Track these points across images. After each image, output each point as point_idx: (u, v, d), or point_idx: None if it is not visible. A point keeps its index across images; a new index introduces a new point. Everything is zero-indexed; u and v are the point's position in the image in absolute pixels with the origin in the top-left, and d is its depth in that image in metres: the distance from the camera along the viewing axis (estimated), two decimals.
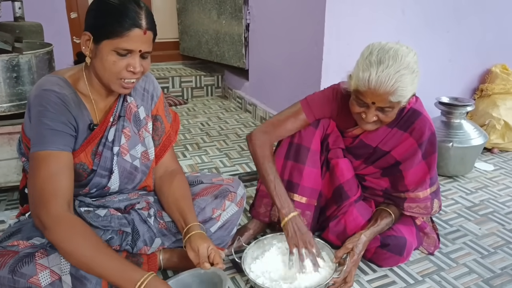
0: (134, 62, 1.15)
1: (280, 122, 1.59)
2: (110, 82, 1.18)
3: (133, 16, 1.11)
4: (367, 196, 1.67)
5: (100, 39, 1.12)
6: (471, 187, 2.26)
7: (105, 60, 1.14)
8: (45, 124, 1.13)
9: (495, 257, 1.66)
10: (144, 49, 1.15)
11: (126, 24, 1.10)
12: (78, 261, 1.06)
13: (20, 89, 1.76)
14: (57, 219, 1.06)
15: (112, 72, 1.15)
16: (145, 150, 1.38)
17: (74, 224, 1.08)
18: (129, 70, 1.15)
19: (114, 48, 1.12)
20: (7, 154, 1.79)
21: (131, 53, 1.14)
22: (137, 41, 1.12)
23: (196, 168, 2.31)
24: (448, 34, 2.61)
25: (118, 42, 1.11)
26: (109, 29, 1.11)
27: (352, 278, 1.42)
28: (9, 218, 1.75)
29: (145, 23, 1.13)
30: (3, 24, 2.17)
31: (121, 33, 1.10)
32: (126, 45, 1.12)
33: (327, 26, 2.22)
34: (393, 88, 1.30)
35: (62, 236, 1.06)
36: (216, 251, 1.22)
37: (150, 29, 1.15)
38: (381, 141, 1.55)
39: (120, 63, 1.14)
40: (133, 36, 1.11)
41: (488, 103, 2.69)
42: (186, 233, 1.26)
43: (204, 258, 1.20)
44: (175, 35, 4.06)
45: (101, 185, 1.31)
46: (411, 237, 1.58)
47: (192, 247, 1.22)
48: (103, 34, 1.12)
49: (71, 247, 1.05)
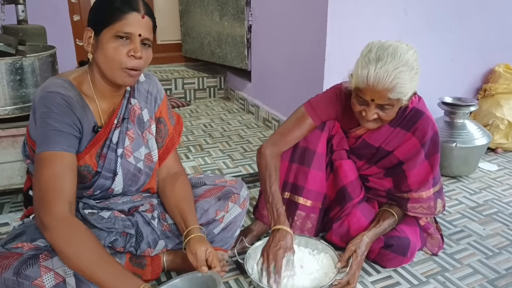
0: (135, 47, 1.16)
1: (288, 131, 1.59)
2: (113, 73, 1.18)
3: (129, 1, 1.15)
4: (370, 197, 1.66)
5: (101, 29, 1.15)
6: (475, 187, 2.26)
7: (106, 48, 1.15)
8: (50, 125, 1.13)
9: (499, 258, 1.65)
10: (144, 34, 1.17)
11: (124, 8, 1.14)
12: (74, 265, 1.06)
13: (23, 92, 1.77)
14: (57, 220, 1.06)
15: (114, 60, 1.16)
16: (149, 152, 1.39)
17: (74, 227, 1.08)
18: (131, 55, 1.16)
19: (114, 33, 1.14)
20: (11, 156, 1.80)
21: (131, 38, 1.15)
22: (135, 24, 1.15)
23: (199, 169, 2.31)
24: (451, 34, 2.60)
25: (117, 26, 1.14)
26: (108, 16, 1.14)
27: (355, 280, 1.41)
28: (13, 220, 1.75)
29: (142, 8, 1.17)
30: (6, 27, 2.18)
31: (119, 16, 1.13)
32: (125, 28, 1.14)
33: (329, 27, 2.22)
34: (392, 85, 1.30)
35: (61, 238, 1.06)
36: (214, 254, 1.22)
37: (148, 15, 1.18)
38: (384, 141, 1.55)
39: (121, 49, 1.15)
40: (131, 19, 1.14)
41: (491, 103, 2.68)
42: (185, 236, 1.27)
43: (201, 262, 1.20)
44: (178, 37, 4.07)
45: (105, 187, 1.32)
46: (415, 238, 1.57)
47: (191, 250, 1.23)
48: (103, 24, 1.15)
49: (69, 250, 1.05)
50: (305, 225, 1.62)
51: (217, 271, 1.19)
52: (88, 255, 1.05)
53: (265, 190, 1.51)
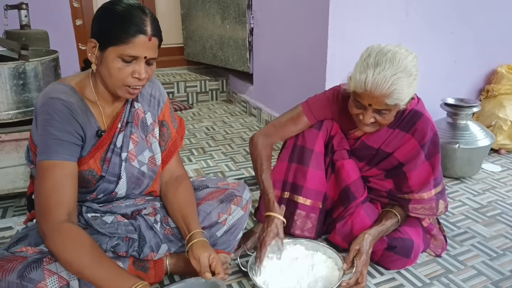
0: (140, 69, 1.15)
1: (282, 124, 1.62)
2: (116, 88, 1.19)
3: (138, 22, 1.12)
4: (372, 197, 1.66)
5: (106, 46, 1.13)
6: (478, 188, 2.25)
7: (111, 67, 1.14)
8: (51, 134, 1.14)
9: (504, 259, 1.64)
10: (150, 56, 1.16)
11: (131, 31, 1.11)
12: (72, 270, 1.09)
13: (26, 96, 1.78)
14: (55, 228, 1.09)
15: (117, 79, 1.16)
16: (152, 156, 1.39)
17: (71, 233, 1.09)
18: (135, 77, 1.16)
19: (119, 55, 1.13)
20: (15, 160, 1.81)
21: (136, 60, 1.15)
22: (142, 47, 1.13)
23: (202, 172, 2.31)
24: (453, 35, 2.60)
25: (123, 48, 1.12)
26: (114, 36, 1.11)
27: (364, 279, 1.41)
28: (17, 224, 1.76)
29: (150, 30, 1.14)
30: (9, 32, 2.19)
31: (126, 39, 1.11)
32: (131, 51, 1.12)
33: (330, 29, 2.22)
34: (389, 91, 1.30)
35: (57, 245, 1.08)
36: (218, 260, 1.22)
37: (155, 36, 1.16)
38: (383, 143, 1.55)
39: (126, 69, 1.15)
40: (138, 42, 1.12)
41: (494, 104, 2.67)
42: (188, 240, 1.27)
43: (205, 268, 1.20)
44: (180, 40, 4.08)
45: (109, 191, 1.32)
46: (418, 239, 1.57)
47: (194, 255, 1.23)
48: (108, 41, 1.12)
49: (67, 256, 1.07)
50: (305, 225, 1.62)
51: (221, 278, 1.19)
52: (83, 259, 1.07)
53: (257, 178, 1.56)
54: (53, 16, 2.95)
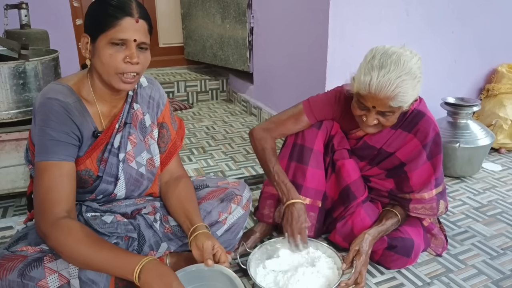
0: (131, 53, 1.15)
1: (281, 121, 1.62)
2: (109, 78, 1.18)
3: (123, 6, 1.14)
4: (373, 197, 1.66)
5: (96, 36, 1.15)
6: (478, 187, 2.25)
7: (103, 55, 1.15)
8: (48, 135, 1.15)
9: (504, 258, 1.64)
10: (139, 39, 1.16)
11: (117, 14, 1.13)
12: (78, 261, 1.09)
13: (26, 96, 1.78)
14: (53, 225, 1.09)
15: (110, 66, 1.16)
16: (151, 157, 1.39)
17: (70, 227, 1.10)
18: (127, 61, 1.16)
19: (109, 40, 1.14)
20: (15, 160, 1.81)
21: (126, 44, 1.15)
22: (130, 29, 1.14)
23: (202, 172, 2.31)
24: (453, 34, 2.60)
25: (112, 33, 1.13)
26: (103, 23, 1.13)
27: (363, 279, 1.41)
28: (17, 224, 1.76)
29: (136, 12, 1.16)
30: (9, 32, 2.19)
31: (112, 22, 1.13)
32: (119, 34, 1.13)
33: (331, 28, 2.22)
34: (394, 93, 1.29)
35: (59, 240, 1.08)
36: (222, 249, 1.23)
37: (142, 18, 1.17)
38: (385, 143, 1.55)
39: (117, 55, 1.15)
40: (125, 24, 1.13)
41: (494, 103, 2.67)
42: (192, 232, 1.27)
43: (208, 255, 1.19)
44: (180, 40, 4.08)
45: (108, 192, 1.32)
46: (419, 239, 1.56)
47: (197, 244, 1.23)
48: (98, 30, 1.14)
49: (68, 249, 1.08)
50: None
51: (226, 266, 1.19)
52: (85, 248, 1.08)
53: (268, 171, 1.56)
54: (53, 16, 2.95)
